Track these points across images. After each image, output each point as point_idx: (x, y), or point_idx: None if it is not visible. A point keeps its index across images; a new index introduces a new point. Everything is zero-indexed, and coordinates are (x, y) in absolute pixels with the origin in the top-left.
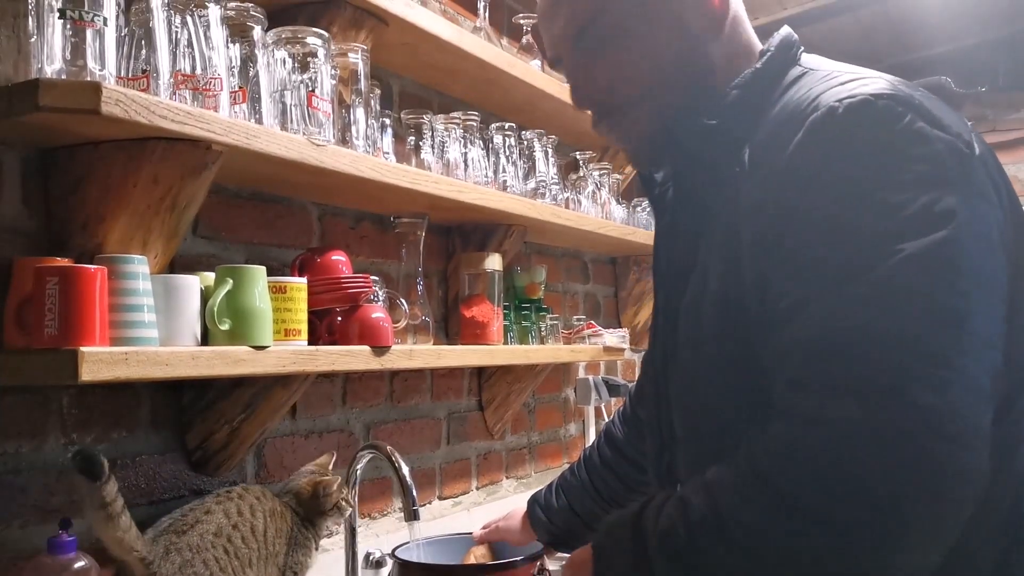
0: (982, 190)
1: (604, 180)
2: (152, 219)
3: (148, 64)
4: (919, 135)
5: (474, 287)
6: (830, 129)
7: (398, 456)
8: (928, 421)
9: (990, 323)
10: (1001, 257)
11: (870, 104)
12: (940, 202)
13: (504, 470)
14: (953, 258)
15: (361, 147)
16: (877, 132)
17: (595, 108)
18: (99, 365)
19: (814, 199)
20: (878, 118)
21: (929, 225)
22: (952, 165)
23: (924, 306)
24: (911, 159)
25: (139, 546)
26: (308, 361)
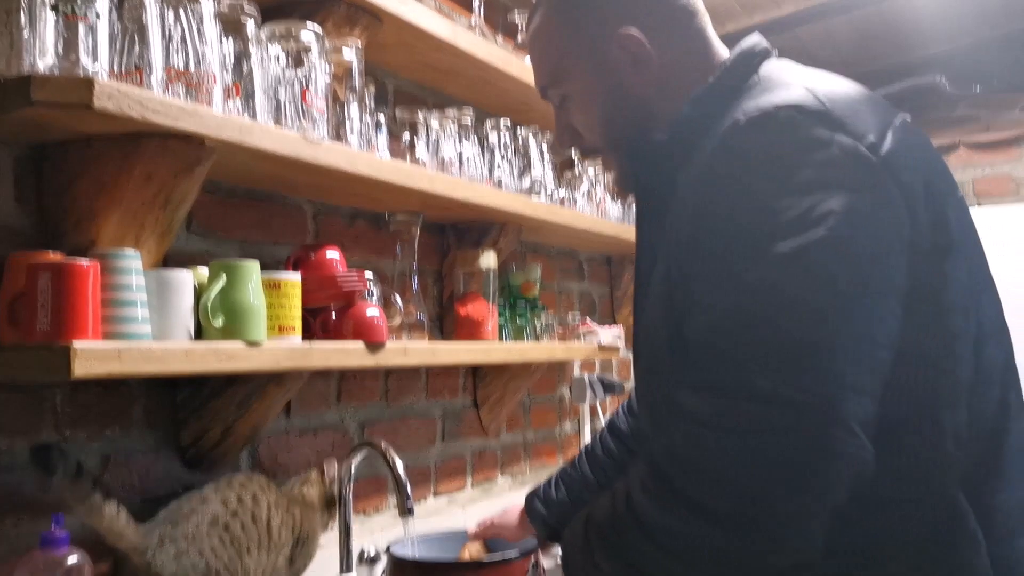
0: (878, 191)
1: (599, 178)
2: (145, 216)
3: (141, 59)
4: (815, 141)
5: (469, 285)
6: (732, 141)
7: (392, 452)
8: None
9: (867, 320)
10: (895, 257)
11: (770, 116)
12: (822, 204)
13: (499, 467)
14: (824, 258)
15: (355, 144)
16: (772, 142)
17: (574, 149)
18: (92, 360)
19: (711, 208)
20: (776, 128)
21: (804, 226)
22: (844, 168)
23: (791, 305)
24: (802, 165)
25: (130, 534)
26: (302, 358)
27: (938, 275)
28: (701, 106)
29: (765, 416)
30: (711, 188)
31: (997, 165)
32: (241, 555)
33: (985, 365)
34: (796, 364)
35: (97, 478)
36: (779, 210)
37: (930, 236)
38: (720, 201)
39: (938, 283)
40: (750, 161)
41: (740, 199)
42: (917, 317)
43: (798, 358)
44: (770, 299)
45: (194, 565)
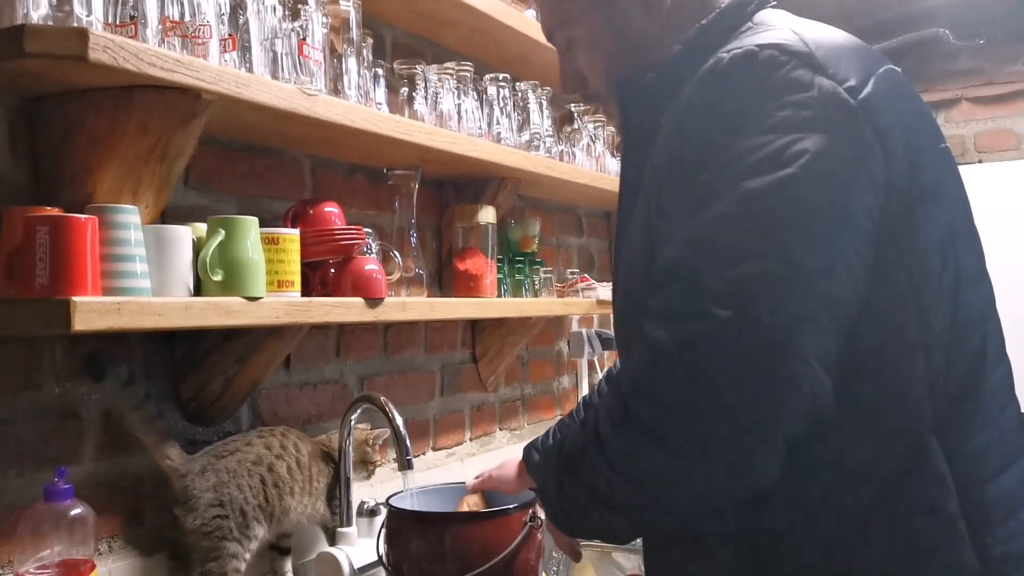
0: (854, 136)
1: (599, 133)
2: (142, 169)
3: (136, 10)
4: (795, 81)
5: (467, 240)
6: (712, 78)
7: (392, 407)
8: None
9: (829, 258)
10: (865, 199)
11: (752, 55)
12: (796, 144)
13: (497, 422)
14: (791, 194)
15: (353, 97)
16: (752, 80)
17: (577, 93)
18: (91, 315)
19: (686, 140)
20: (757, 67)
21: (776, 164)
22: (821, 110)
23: (753, 238)
24: (780, 105)
25: (174, 456)
26: (301, 312)
27: (912, 220)
28: (691, 46)
29: (719, 342)
30: (688, 121)
31: (999, 119)
32: (282, 496)
33: (963, 312)
34: (753, 294)
35: (149, 391)
36: (753, 148)
37: (906, 182)
38: (696, 135)
39: (912, 228)
40: (728, 97)
41: (715, 133)
42: (887, 260)
43: (756, 289)
44: (732, 231)
45: (231, 497)
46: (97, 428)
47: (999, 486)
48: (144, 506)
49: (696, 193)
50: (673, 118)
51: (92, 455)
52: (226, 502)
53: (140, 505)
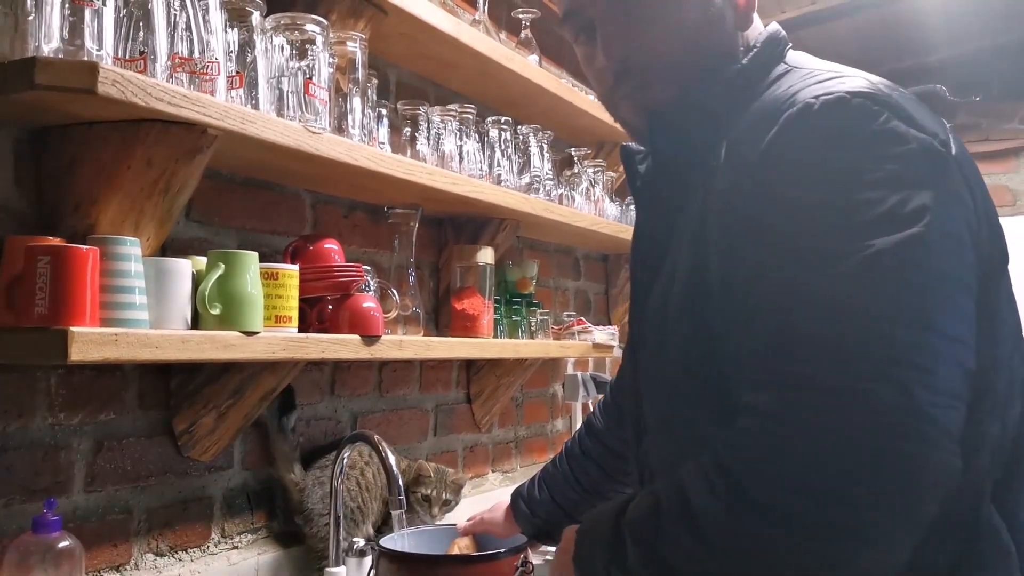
0: (955, 190)
1: (598, 177)
2: (145, 202)
3: (146, 46)
4: (893, 133)
5: (465, 280)
6: (805, 124)
7: (385, 445)
8: (889, 421)
9: (958, 321)
10: (971, 257)
11: (845, 101)
12: (911, 201)
13: (490, 463)
14: (921, 257)
15: (357, 136)
16: (851, 129)
17: (615, 70)
18: (89, 345)
19: (787, 191)
20: (853, 115)
21: (899, 223)
22: (926, 164)
23: (890, 303)
24: (884, 157)
25: (297, 471)
26: (298, 348)
27: (997, 284)
28: (732, 87)
29: (854, 416)
30: (775, 175)
31: (994, 176)
32: (367, 500)
33: (1014, 375)
34: (897, 365)
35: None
36: (869, 202)
37: (989, 243)
38: (788, 187)
39: (996, 292)
40: (826, 147)
41: (816, 184)
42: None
43: (900, 360)
44: (868, 294)
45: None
46: (88, 460)
47: None
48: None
49: (804, 250)
50: (748, 169)
51: (82, 487)
52: (330, 512)
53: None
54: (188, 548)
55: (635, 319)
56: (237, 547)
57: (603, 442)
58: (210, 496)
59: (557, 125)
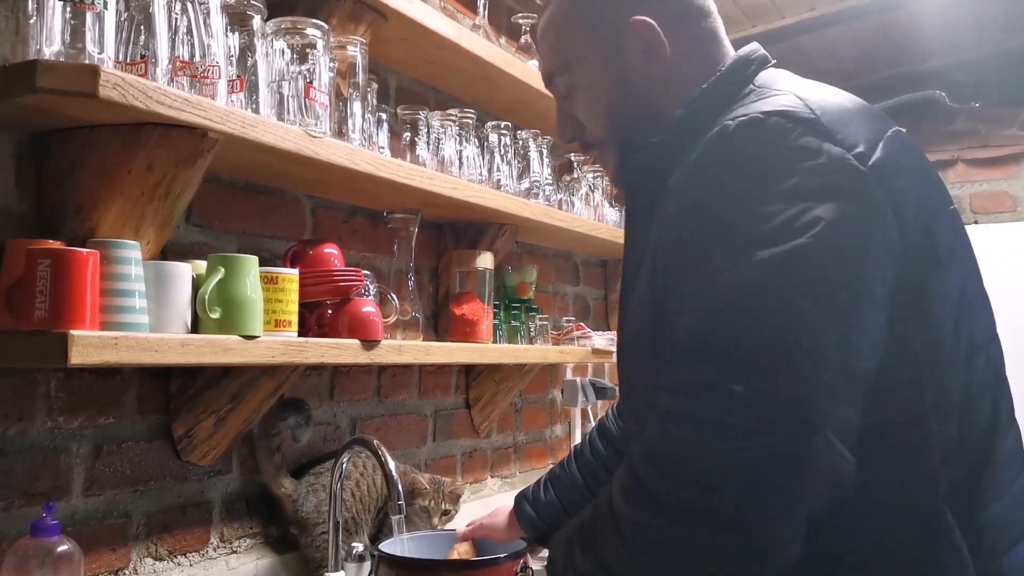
0: (866, 203)
1: (597, 183)
2: (145, 206)
3: (147, 49)
4: (803, 149)
5: (465, 285)
6: (719, 146)
7: (385, 451)
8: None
9: (848, 328)
10: (880, 267)
11: (759, 121)
12: (808, 212)
13: (489, 469)
14: (806, 265)
15: (357, 141)
16: (761, 148)
17: (575, 141)
18: (89, 349)
19: (696, 208)
20: (765, 133)
21: (790, 233)
22: (832, 177)
23: (770, 307)
24: (789, 173)
25: (287, 484)
26: (297, 352)
27: (925, 286)
28: (693, 110)
29: (734, 417)
30: (697, 189)
31: (995, 181)
32: (361, 512)
33: (976, 378)
34: (771, 366)
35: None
36: (765, 216)
37: (919, 247)
38: (705, 202)
39: (925, 294)
40: (737, 165)
41: (725, 201)
42: (902, 327)
43: (774, 360)
44: (749, 301)
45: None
46: (87, 464)
47: (1016, 556)
48: None
49: (707, 262)
50: (679, 185)
51: (81, 491)
52: (328, 519)
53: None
54: (187, 553)
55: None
56: (236, 552)
57: (616, 447)
58: (209, 501)
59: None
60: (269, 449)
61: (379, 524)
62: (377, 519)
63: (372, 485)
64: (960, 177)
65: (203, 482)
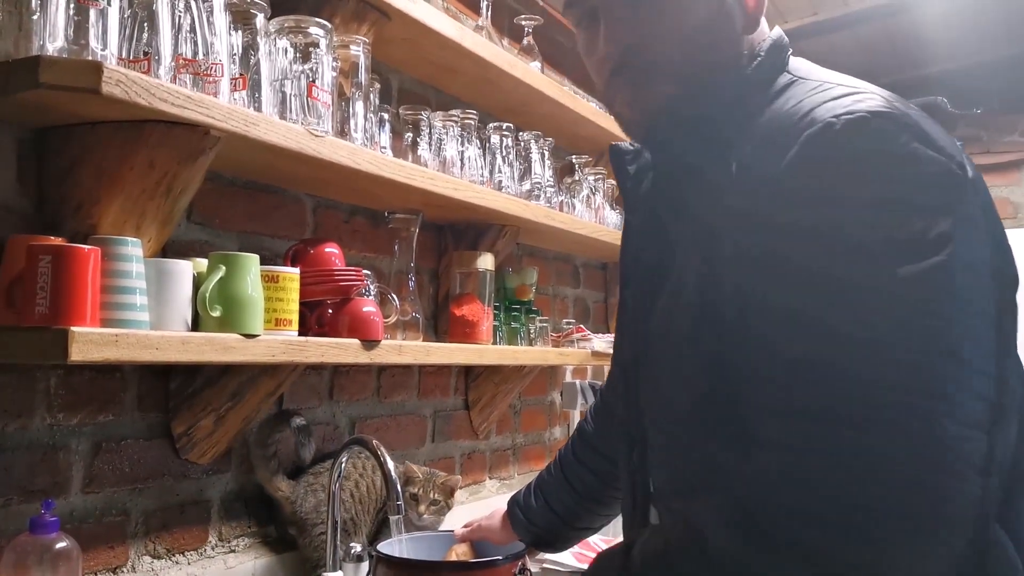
0: (972, 215)
1: (599, 185)
2: (147, 203)
3: (150, 47)
4: (914, 156)
5: (465, 286)
6: (827, 145)
7: (384, 451)
8: (914, 453)
9: (982, 351)
10: (989, 283)
11: (866, 122)
12: (935, 227)
13: (487, 470)
14: (945, 286)
15: (359, 140)
16: (873, 152)
17: (615, 60)
18: (89, 345)
19: (808, 215)
20: (874, 137)
21: (923, 251)
22: (945, 188)
23: (915, 334)
24: (906, 182)
25: (284, 487)
26: (298, 352)
27: (1011, 306)
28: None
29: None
30: (797, 197)
31: (996, 188)
32: (360, 512)
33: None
34: (924, 397)
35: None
36: (891, 227)
37: (1004, 265)
38: (811, 210)
39: (1013, 312)
40: (850, 167)
41: (840, 208)
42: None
43: (916, 386)
44: (887, 323)
45: None
46: (87, 461)
47: None
48: None
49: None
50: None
51: (80, 488)
52: (326, 520)
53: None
54: (185, 551)
55: (629, 328)
56: (234, 551)
57: (595, 448)
58: (208, 499)
59: (558, 132)
60: (265, 457)
61: (378, 525)
62: (376, 520)
63: (371, 486)
64: None
65: (202, 481)
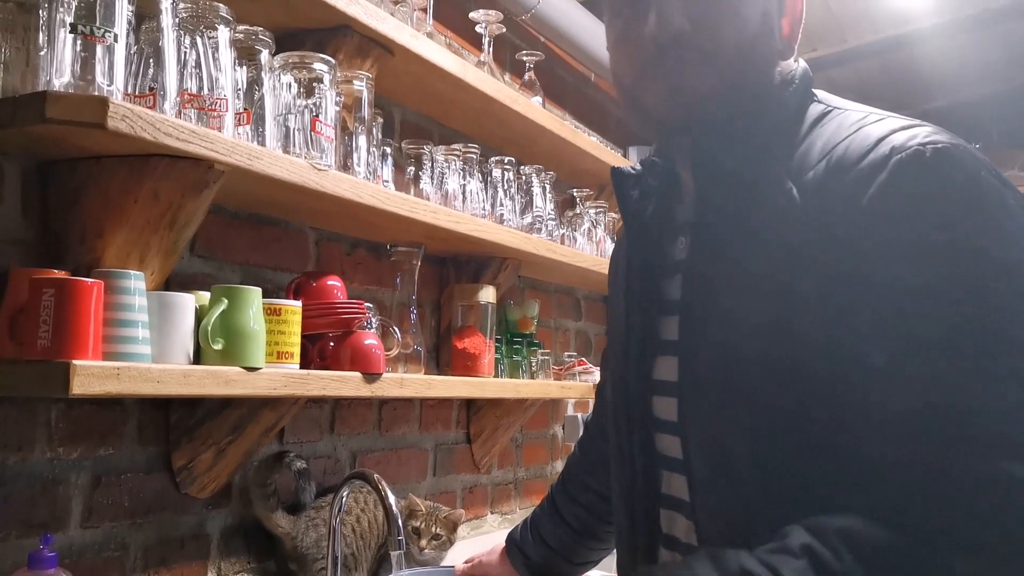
0: None
1: (600, 218)
2: (151, 235)
3: (156, 82)
4: (994, 186)
5: (467, 318)
6: (922, 171)
7: (385, 485)
8: None
9: None
10: None
11: (952, 152)
12: None
13: (489, 504)
14: None
15: (362, 174)
16: (966, 179)
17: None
18: (91, 379)
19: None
20: (961, 166)
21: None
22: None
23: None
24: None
25: (284, 523)
26: (299, 385)
27: None
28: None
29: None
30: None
31: None
32: (362, 548)
33: None
34: None
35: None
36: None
37: None
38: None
39: None
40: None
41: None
42: None
43: None
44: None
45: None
46: (86, 494)
47: None
48: None
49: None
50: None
51: (79, 522)
52: (327, 555)
53: None
54: None
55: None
56: None
57: (585, 483)
58: (207, 534)
59: (559, 166)
60: (264, 495)
61: (379, 560)
62: (378, 555)
63: (373, 520)
64: None
65: (201, 515)
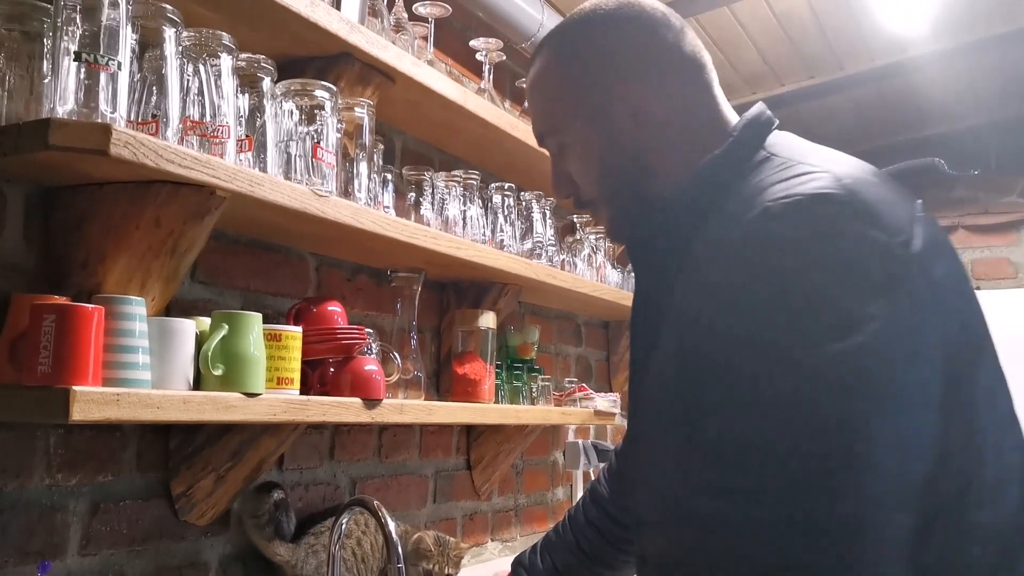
0: (914, 295)
1: (600, 244)
2: (152, 261)
3: (159, 109)
4: (849, 238)
5: (467, 344)
6: (764, 229)
7: (385, 512)
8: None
9: (904, 430)
10: (930, 364)
11: (802, 206)
12: (860, 308)
13: (489, 532)
14: (861, 367)
15: (363, 200)
16: (807, 236)
17: (569, 197)
18: (90, 405)
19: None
20: (810, 220)
21: (843, 332)
22: (881, 269)
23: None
24: (838, 264)
25: (283, 551)
26: (299, 411)
27: (968, 375)
28: (711, 174)
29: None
30: (741, 278)
31: (995, 248)
32: (363, 572)
33: (1004, 462)
34: (828, 478)
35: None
36: (815, 311)
37: (960, 336)
38: (751, 295)
39: (968, 383)
40: (782, 256)
41: (774, 296)
42: (949, 420)
43: (830, 471)
44: (803, 407)
45: None
46: (84, 522)
47: None
48: None
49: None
50: (715, 268)
51: (77, 550)
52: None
53: None
54: None
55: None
56: None
57: (607, 511)
58: (206, 562)
59: None
60: (258, 525)
61: None
62: None
63: (374, 543)
64: (961, 243)
65: (200, 542)
